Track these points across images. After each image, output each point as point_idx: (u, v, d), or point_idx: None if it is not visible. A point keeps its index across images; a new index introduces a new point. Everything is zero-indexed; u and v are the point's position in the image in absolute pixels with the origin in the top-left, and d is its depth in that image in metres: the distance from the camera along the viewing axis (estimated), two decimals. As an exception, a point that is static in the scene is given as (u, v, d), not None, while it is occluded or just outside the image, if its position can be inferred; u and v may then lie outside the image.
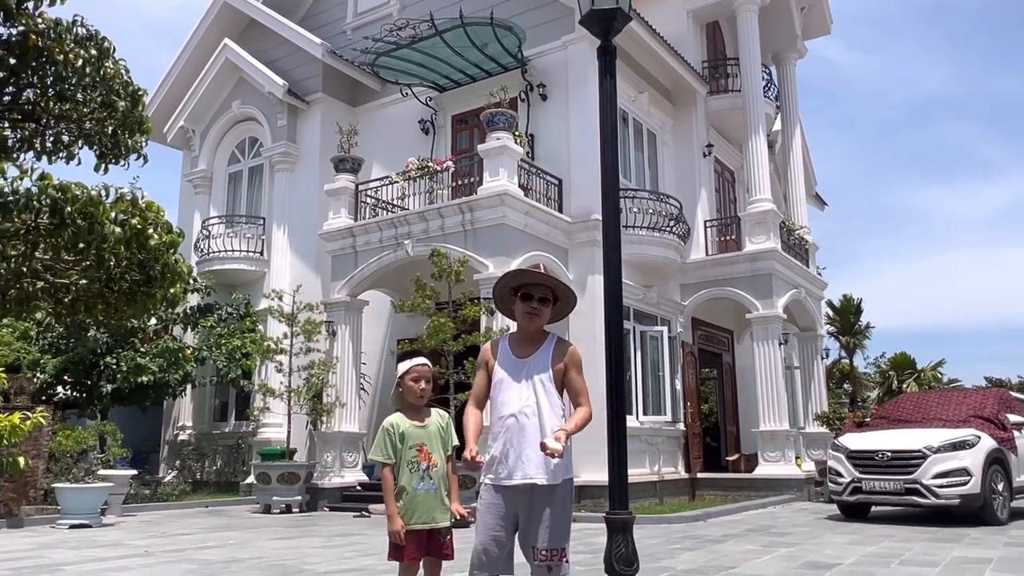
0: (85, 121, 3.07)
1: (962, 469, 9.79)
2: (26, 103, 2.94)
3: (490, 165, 12.70)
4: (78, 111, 3.05)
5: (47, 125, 2.97)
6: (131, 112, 3.23)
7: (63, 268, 3.12)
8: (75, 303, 3.26)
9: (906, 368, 29.41)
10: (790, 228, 17.33)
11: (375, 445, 3.99)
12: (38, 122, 2.95)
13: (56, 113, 2.94)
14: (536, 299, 3.66)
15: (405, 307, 11.56)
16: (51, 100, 2.88)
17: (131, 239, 3.08)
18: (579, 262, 13.83)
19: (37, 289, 3.14)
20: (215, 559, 7.25)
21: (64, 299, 3.24)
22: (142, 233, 3.11)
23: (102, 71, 3.04)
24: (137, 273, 3.21)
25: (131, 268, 3.18)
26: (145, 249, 3.13)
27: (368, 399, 15.52)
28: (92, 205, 3.01)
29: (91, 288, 3.17)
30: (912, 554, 7.30)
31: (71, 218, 2.92)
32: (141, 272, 3.20)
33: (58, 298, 3.28)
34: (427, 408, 4.06)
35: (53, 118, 2.94)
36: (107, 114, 3.11)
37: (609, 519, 3.45)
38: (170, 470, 16.79)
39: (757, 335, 15.63)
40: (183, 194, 18.93)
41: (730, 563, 6.81)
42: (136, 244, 3.09)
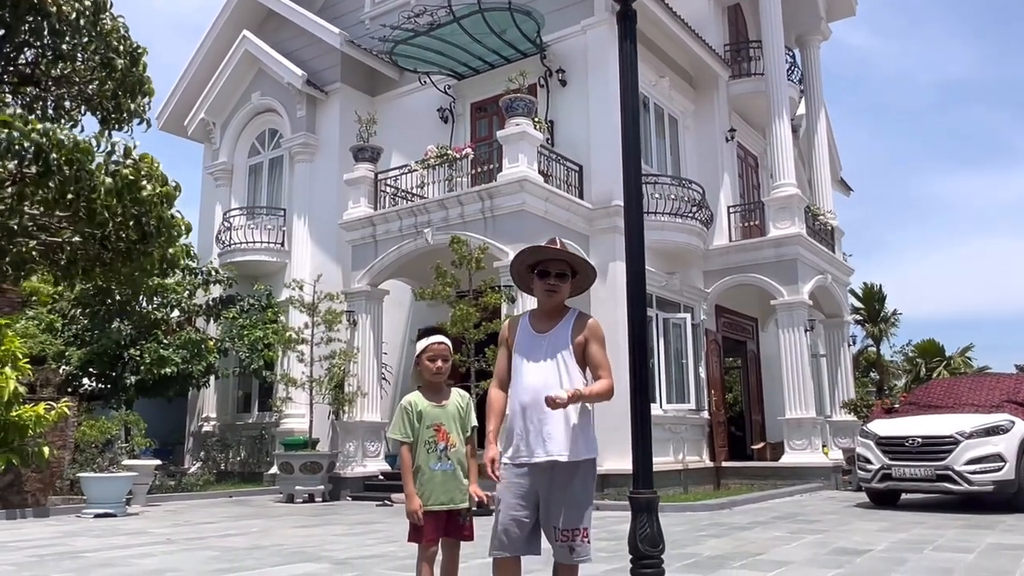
0: (86, 84, 2.98)
1: (996, 455, 9.56)
2: (25, 65, 2.85)
3: (509, 151, 12.57)
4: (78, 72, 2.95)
5: (47, 89, 2.88)
6: (130, 71, 3.13)
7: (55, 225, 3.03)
8: (71, 265, 3.17)
9: (934, 355, 28.88)
10: (815, 213, 17.05)
11: (393, 423, 3.93)
12: (38, 85, 2.86)
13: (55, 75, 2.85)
14: (554, 275, 3.55)
15: (426, 295, 11.49)
16: (49, 62, 2.79)
17: (123, 190, 2.98)
18: (600, 249, 13.67)
19: (31, 250, 3.05)
20: (237, 546, 7.23)
21: (59, 261, 3.16)
22: (134, 184, 3.01)
23: (99, 26, 2.94)
24: (131, 230, 3.11)
25: (125, 224, 3.08)
26: (138, 202, 3.02)
27: (390, 388, 15.48)
28: (80, 152, 2.92)
29: (86, 247, 3.08)
30: (945, 540, 7.12)
31: (57, 165, 2.82)
32: (136, 228, 3.10)
33: (54, 260, 3.19)
34: (448, 388, 3.97)
35: (53, 81, 2.85)
36: (106, 74, 3.01)
37: (633, 498, 3.34)
38: (195, 461, 16.90)
39: (782, 322, 15.39)
40: (204, 187, 19.01)
41: (756, 549, 6.67)
42: (128, 196, 2.98)
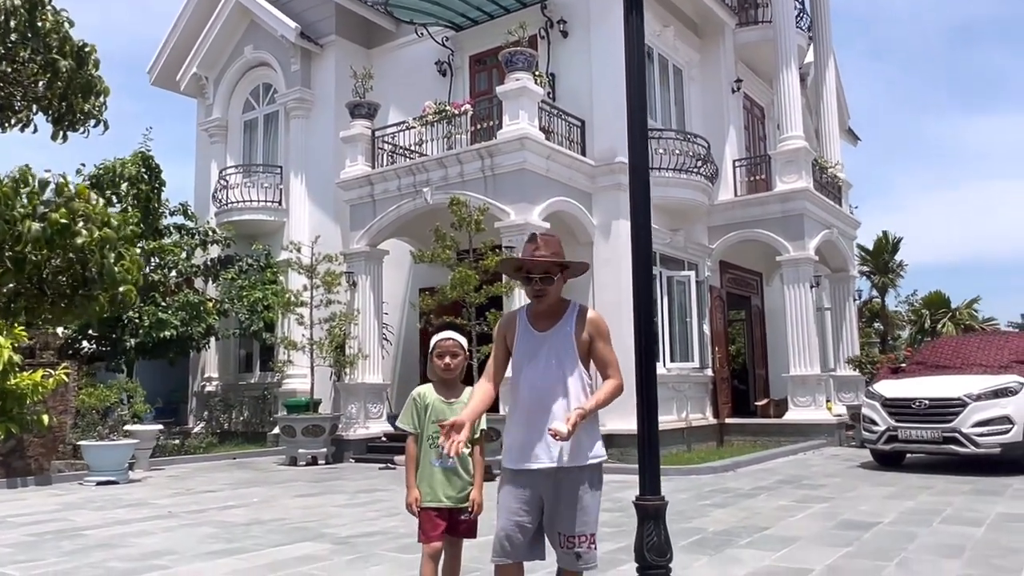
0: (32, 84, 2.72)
1: (1004, 417, 9.46)
2: (-37, 65, 2.61)
3: (509, 108, 12.22)
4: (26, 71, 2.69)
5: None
6: (77, 73, 2.86)
7: None
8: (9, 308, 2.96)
9: (940, 307, 28.69)
10: (823, 166, 16.69)
11: (401, 413, 3.81)
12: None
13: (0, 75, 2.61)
14: (538, 279, 3.33)
15: (425, 258, 11.27)
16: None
17: (54, 237, 2.75)
18: (603, 207, 13.40)
19: None
20: (237, 521, 7.17)
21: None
22: (66, 229, 2.78)
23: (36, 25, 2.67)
24: (69, 278, 2.89)
25: (62, 271, 2.86)
26: (73, 249, 2.80)
27: (391, 349, 15.40)
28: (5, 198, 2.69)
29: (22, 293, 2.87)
30: (953, 510, 7.03)
31: None
32: (74, 276, 2.88)
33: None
34: (462, 384, 3.81)
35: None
36: (51, 75, 2.75)
37: (640, 505, 3.18)
38: (198, 421, 16.91)
39: (788, 278, 15.18)
40: (199, 143, 18.65)
41: (763, 522, 6.58)
42: (59, 243, 2.76)
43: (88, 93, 2.97)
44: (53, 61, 2.73)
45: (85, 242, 2.78)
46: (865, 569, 4.88)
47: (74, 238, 2.74)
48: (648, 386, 3.22)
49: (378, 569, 5.11)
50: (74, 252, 2.78)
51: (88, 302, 2.96)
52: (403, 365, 15.80)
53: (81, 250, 2.78)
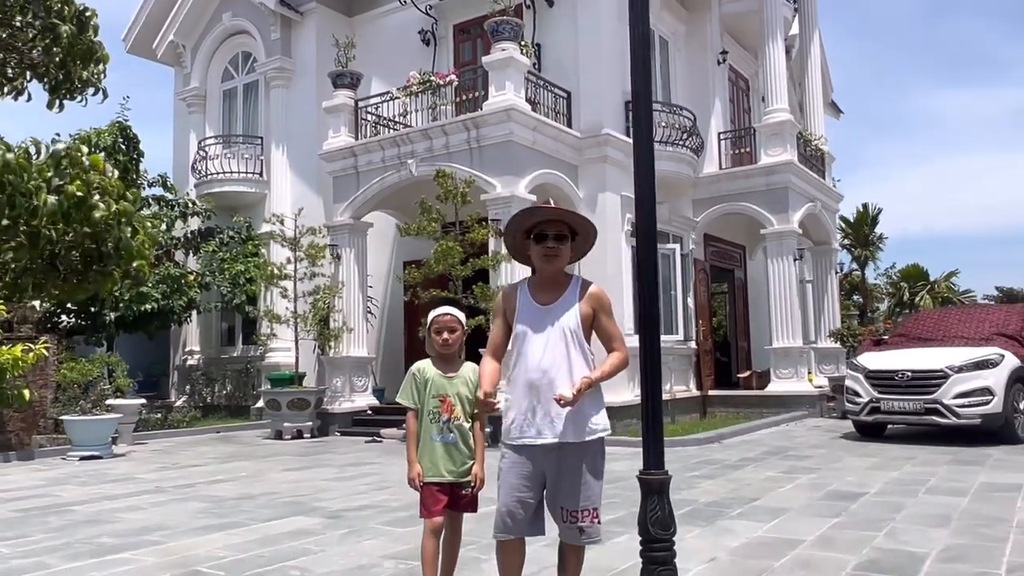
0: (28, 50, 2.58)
1: (984, 388, 9.59)
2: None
3: (496, 78, 12.08)
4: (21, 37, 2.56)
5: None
6: (78, 39, 2.73)
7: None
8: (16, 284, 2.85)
9: (918, 280, 29.03)
10: (807, 139, 16.72)
11: (401, 389, 3.77)
12: (-29, 50, 2.49)
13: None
14: (552, 237, 3.28)
15: (411, 231, 11.18)
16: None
17: (70, 210, 2.64)
18: (589, 179, 13.34)
19: None
20: (226, 495, 7.13)
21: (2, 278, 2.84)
22: (83, 203, 2.66)
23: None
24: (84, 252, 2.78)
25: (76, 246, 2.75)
26: (90, 224, 2.69)
27: (376, 322, 15.32)
28: (11, 172, 2.56)
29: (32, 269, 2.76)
30: (937, 480, 7.14)
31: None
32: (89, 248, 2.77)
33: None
34: (461, 360, 3.77)
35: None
36: (50, 41, 2.62)
37: (644, 480, 3.17)
38: (181, 395, 16.79)
39: (771, 251, 15.25)
40: (177, 113, 18.31)
41: (752, 494, 6.65)
42: (76, 217, 2.64)
43: (88, 60, 2.84)
44: (53, 26, 2.60)
45: (103, 216, 2.68)
46: (855, 539, 4.94)
47: (91, 212, 2.63)
48: (652, 361, 3.20)
49: (371, 543, 5.10)
50: (91, 226, 2.67)
51: (102, 277, 2.87)
52: (388, 338, 15.75)
53: (99, 224, 2.68)
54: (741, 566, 4.37)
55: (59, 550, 5.07)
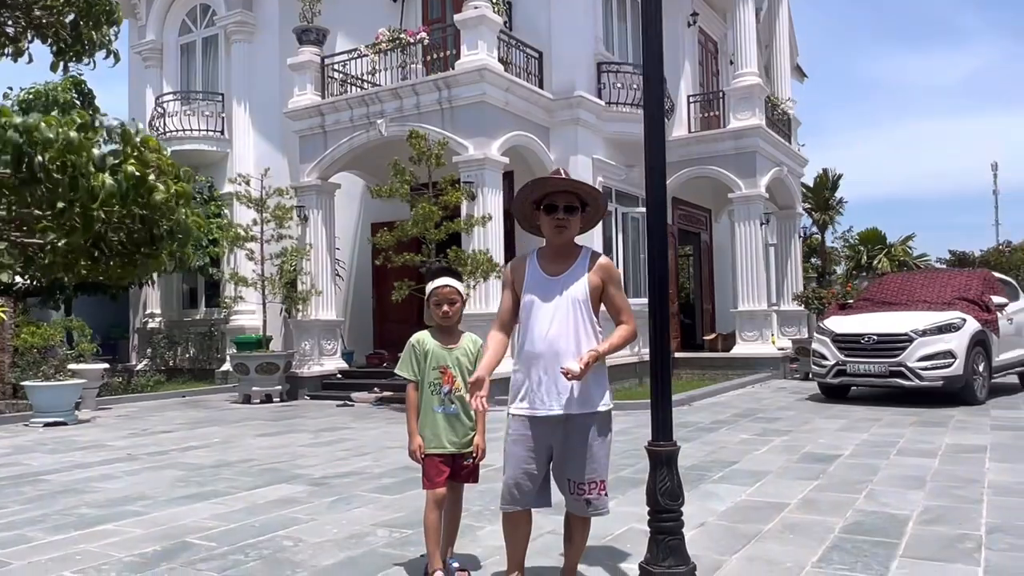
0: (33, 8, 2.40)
1: (947, 352, 9.85)
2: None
3: (468, 37, 11.84)
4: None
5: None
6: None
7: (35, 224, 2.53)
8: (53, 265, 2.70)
9: (876, 243, 29.63)
10: (774, 103, 16.78)
11: (400, 361, 3.70)
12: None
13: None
14: (562, 208, 3.24)
15: (382, 192, 10.98)
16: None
17: (128, 192, 2.48)
18: (560, 141, 13.24)
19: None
20: (203, 463, 7.03)
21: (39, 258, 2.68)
22: (141, 183, 2.50)
23: None
24: (135, 233, 2.63)
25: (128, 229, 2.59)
26: (149, 207, 2.53)
27: (343, 285, 15.14)
28: (73, 151, 2.39)
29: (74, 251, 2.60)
30: (905, 442, 7.34)
31: (44, 171, 2.29)
32: (141, 232, 2.62)
33: (29, 256, 2.71)
34: (460, 331, 3.73)
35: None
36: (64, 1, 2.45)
37: (653, 451, 3.18)
38: (142, 358, 16.47)
39: (738, 215, 15.38)
40: (132, 68, 17.63)
41: (730, 457, 6.76)
42: (134, 199, 2.48)
43: (102, 22, 2.66)
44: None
45: (164, 198, 2.53)
46: (838, 501, 5.06)
47: (150, 194, 2.48)
48: (662, 333, 3.19)
49: (361, 511, 5.07)
50: (150, 209, 2.52)
51: (150, 260, 2.73)
52: (356, 301, 15.59)
53: (159, 207, 2.53)
54: (732, 531, 4.45)
55: (39, 522, 4.94)
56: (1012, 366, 11.35)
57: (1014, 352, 11.37)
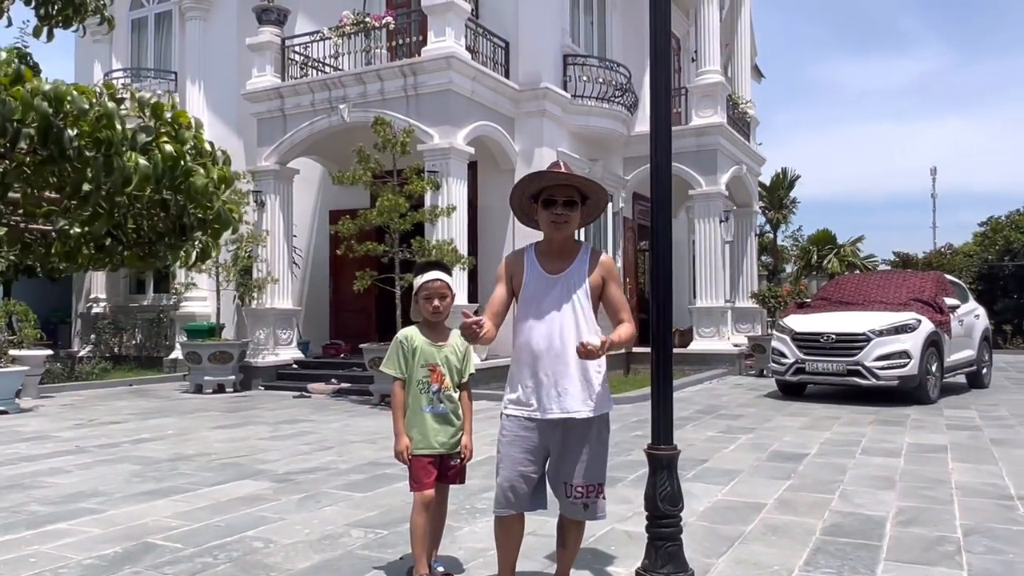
0: None
1: (903, 352, 10.04)
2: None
3: (435, 24, 11.62)
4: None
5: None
6: None
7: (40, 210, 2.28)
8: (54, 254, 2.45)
9: (827, 243, 30.28)
10: (735, 102, 16.93)
11: (386, 357, 3.55)
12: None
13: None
14: (561, 203, 3.12)
15: (345, 179, 10.71)
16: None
17: (163, 175, 2.22)
18: (526, 132, 13.12)
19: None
20: (158, 456, 6.75)
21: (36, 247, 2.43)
22: (175, 166, 2.24)
23: None
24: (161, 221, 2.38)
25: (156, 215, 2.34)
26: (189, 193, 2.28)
27: (300, 273, 14.80)
28: (109, 126, 2.14)
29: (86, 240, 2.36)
30: (868, 441, 7.43)
31: (76, 150, 2.04)
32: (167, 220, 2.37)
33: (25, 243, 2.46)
34: (449, 329, 3.58)
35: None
36: None
37: (653, 455, 3.10)
38: (84, 344, 15.88)
39: (698, 212, 15.49)
40: (79, 42, 16.91)
41: (700, 455, 6.76)
42: (169, 183, 2.22)
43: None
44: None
45: (204, 184, 2.29)
46: (813, 502, 5.07)
47: (187, 177, 2.24)
48: (664, 336, 3.10)
49: (332, 510, 4.90)
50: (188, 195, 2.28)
51: (172, 252, 2.49)
52: (312, 290, 15.26)
53: (199, 193, 2.29)
54: (714, 532, 4.41)
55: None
56: (961, 366, 11.65)
57: (963, 353, 11.67)
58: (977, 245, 28.20)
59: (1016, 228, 26.52)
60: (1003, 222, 27.42)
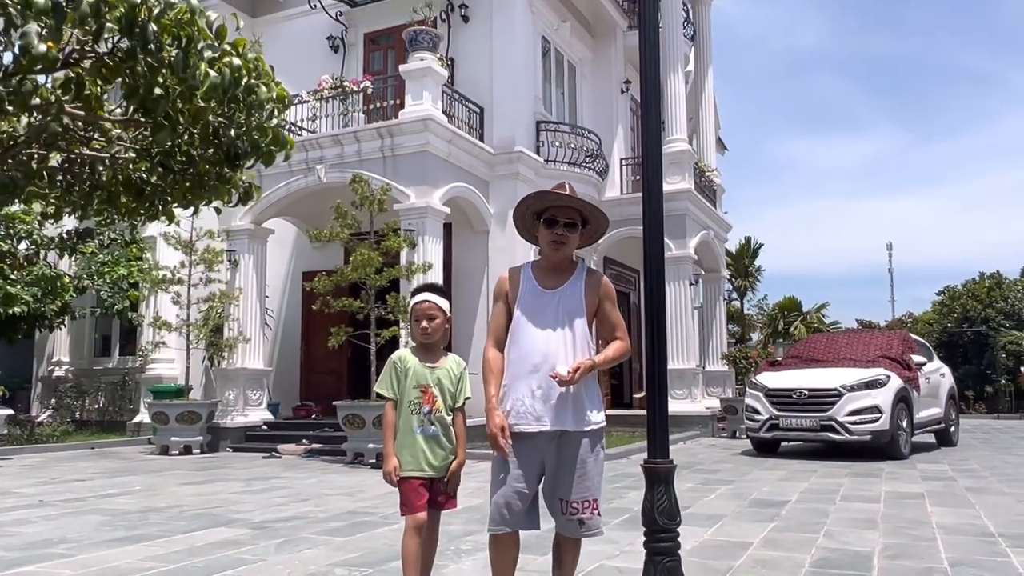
0: None
1: (874, 407, 10.17)
2: None
3: (413, 88, 11.92)
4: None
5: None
6: None
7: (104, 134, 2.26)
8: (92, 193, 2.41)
9: (793, 310, 30.89)
10: (702, 169, 17.43)
11: (379, 378, 3.52)
12: None
13: None
14: (562, 223, 3.20)
15: (322, 236, 10.76)
16: None
17: (229, 88, 2.24)
18: (500, 195, 13.35)
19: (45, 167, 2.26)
20: (127, 508, 6.53)
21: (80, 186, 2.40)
22: (238, 82, 2.27)
23: None
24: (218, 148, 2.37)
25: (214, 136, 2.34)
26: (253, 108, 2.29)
27: (271, 334, 14.66)
28: (191, 23, 2.16)
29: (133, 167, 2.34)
30: (847, 490, 7.46)
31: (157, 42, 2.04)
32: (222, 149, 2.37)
33: (70, 183, 2.42)
34: (444, 351, 3.59)
35: None
36: None
37: (650, 469, 3.11)
38: (45, 409, 15.42)
39: (669, 275, 15.65)
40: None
41: (682, 502, 6.59)
42: (231, 98, 2.24)
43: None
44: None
45: (265, 99, 2.30)
46: (799, 540, 5.06)
47: (254, 93, 2.25)
48: (659, 355, 3.16)
49: (313, 552, 4.77)
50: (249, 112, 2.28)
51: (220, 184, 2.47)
52: (283, 351, 15.09)
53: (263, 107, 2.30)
54: (705, 566, 4.37)
55: (-52, 565, 4.45)
56: (929, 423, 11.80)
57: (931, 410, 11.84)
58: (936, 314, 28.93)
59: (972, 296, 27.29)
60: (960, 291, 28.19)
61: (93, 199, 2.54)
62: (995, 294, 27.48)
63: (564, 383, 2.99)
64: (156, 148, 2.39)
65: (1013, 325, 27.12)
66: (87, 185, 2.49)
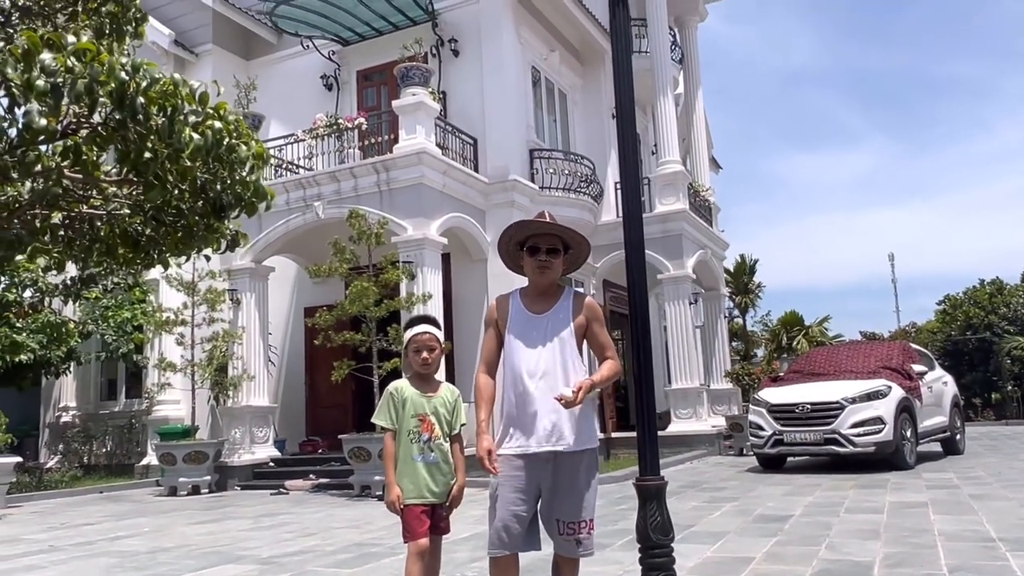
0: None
1: (877, 418, 10.20)
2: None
3: (406, 122, 12.12)
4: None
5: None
6: None
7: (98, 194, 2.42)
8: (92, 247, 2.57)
9: (795, 325, 30.93)
10: (696, 190, 17.59)
11: (378, 409, 3.62)
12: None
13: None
14: (544, 251, 3.32)
15: (321, 272, 10.89)
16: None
17: (211, 149, 2.42)
18: (497, 223, 13.45)
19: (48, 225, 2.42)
20: (137, 550, 6.59)
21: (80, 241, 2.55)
22: (221, 141, 2.45)
23: None
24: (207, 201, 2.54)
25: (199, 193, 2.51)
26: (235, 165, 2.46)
27: (275, 371, 14.74)
28: (174, 95, 2.33)
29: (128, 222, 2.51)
30: (851, 502, 7.49)
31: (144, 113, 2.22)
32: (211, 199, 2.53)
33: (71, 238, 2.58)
34: (438, 380, 3.69)
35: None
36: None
37: (641, 486, 3.19)
38: (52, 455, 15.48)
39: (668, 295, 15.82)
40: (54, 154, 17.24)
41: (686, 521, 6.76)
42: (213, 157, 2.41)
43: None
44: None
45: (245, 157, 2.46)
46: (801, 553, 5.11)
47: (234, 152, 2.41)
48: (646, 373, 3.25)
49: (320, 585, 4.83)
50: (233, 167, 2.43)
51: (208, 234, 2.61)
52: (287, 388, 15.16)
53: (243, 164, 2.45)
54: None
55: (-38, 612, 4.51)
56: (934, 432, 11.81)
57: (935, 419, 11.86)
58: (939, 322, 28.94)
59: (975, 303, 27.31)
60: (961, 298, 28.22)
61: (93, 252, 2.68)
62: (997, 300, 27.54)
63: (569, 404, 3.07)
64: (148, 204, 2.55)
65: (1017, 331, 27.15)
66: (87, 239, 2.63)
